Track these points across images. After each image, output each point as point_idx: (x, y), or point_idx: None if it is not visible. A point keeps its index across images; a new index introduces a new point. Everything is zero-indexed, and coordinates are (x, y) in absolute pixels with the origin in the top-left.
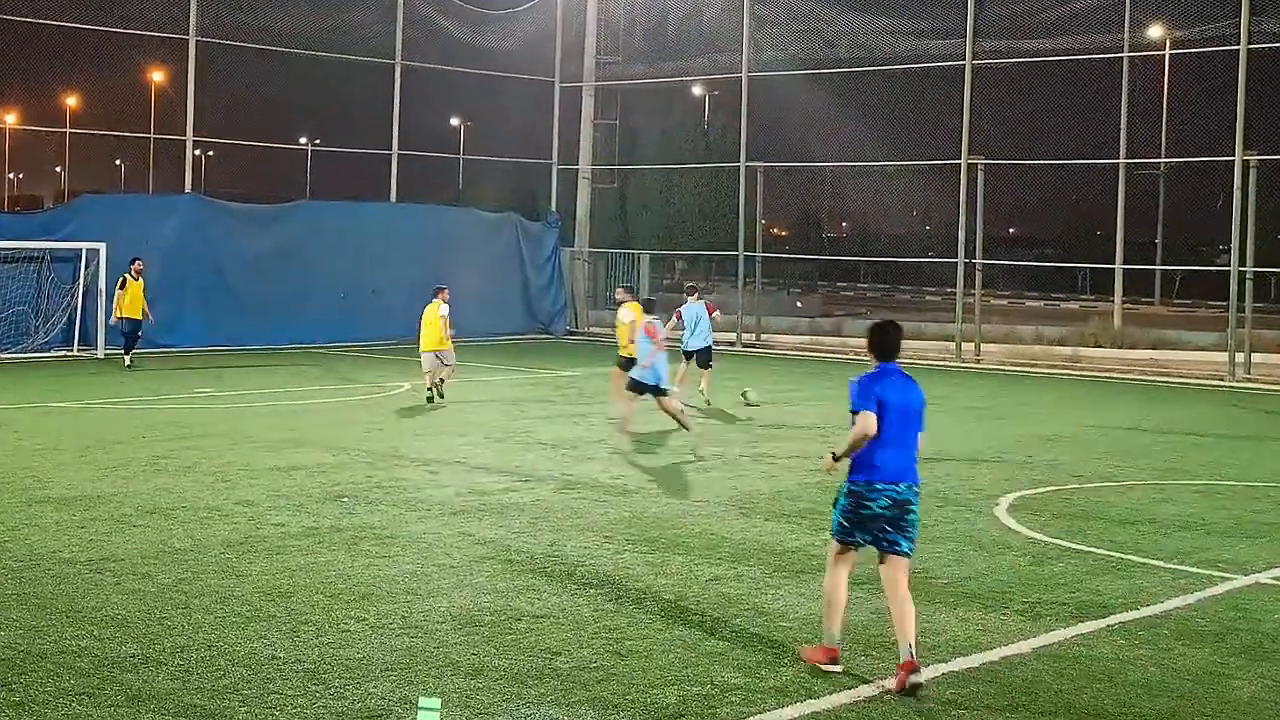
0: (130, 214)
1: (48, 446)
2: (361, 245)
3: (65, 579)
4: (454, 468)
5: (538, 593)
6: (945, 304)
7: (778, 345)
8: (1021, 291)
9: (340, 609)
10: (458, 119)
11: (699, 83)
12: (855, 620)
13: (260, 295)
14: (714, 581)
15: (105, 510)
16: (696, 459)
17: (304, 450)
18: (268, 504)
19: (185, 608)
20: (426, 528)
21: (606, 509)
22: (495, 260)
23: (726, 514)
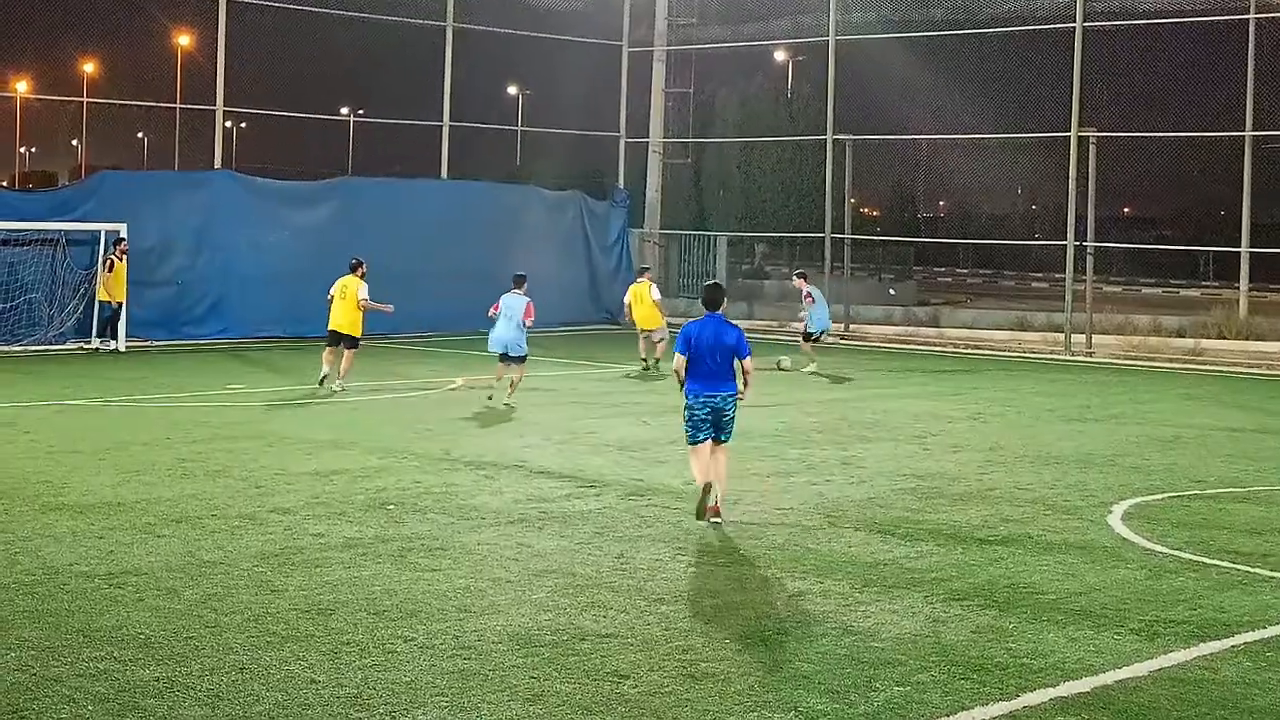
0: (154, 192)
1: (63, 448)
2: (409, 226)
3: (82, 594)
4: (511, 472)
5: (603, 610)
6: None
7: (869, 337)
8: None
9: (385, 628)
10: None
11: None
12: (954, 640)
13: (297, 281)
14: (798, 597)
15: (126, 519)
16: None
17: (346, 452)
18: (305, 512)
19: (214, 626)
20: (481, 538)
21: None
22: (557, 243)
23: (812, 523)
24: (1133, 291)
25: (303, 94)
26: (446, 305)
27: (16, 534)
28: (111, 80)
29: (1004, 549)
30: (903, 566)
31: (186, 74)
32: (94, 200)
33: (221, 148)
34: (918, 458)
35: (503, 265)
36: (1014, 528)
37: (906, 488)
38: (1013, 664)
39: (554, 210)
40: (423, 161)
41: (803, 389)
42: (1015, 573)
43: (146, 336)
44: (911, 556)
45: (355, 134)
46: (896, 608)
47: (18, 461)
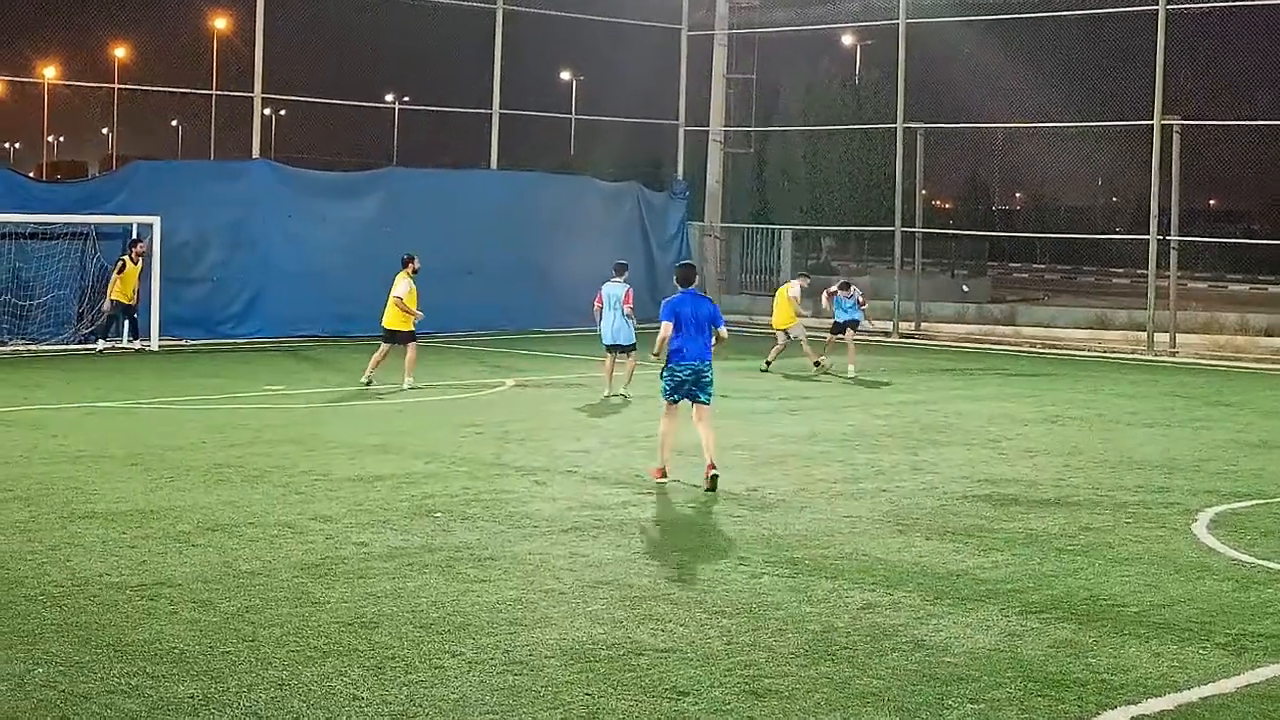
0: (189, 183)
1: (92, 453)
2: (457, 220)
3: (113, 606)
4: (565, 478)
5: (662, 623)
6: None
7: (941, 335)
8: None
9: (432, 642)
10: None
11: (849, 30)
12: (1031, 655)
13: (340, 277)
14: (866, 610)
15: (159, 527)
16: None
17: (390, 457)
18: (348, 520)
19: (252, 640)
20: (532, 547)
21: (741, 525)
22: (613, 236)
23: (881, 531)
24: (1219, 288)
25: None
26: (496, 302)
27: (44, 543)
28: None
29: (1083, 559)
30: (976, 577)
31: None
32: (125, 192)
33: (260, 136)
34: (992, 463)
35: (555, 260)
36: (1093, 536)
37: (980, 494)
38: (1092, 680)
39: (610, 202)
40: (471, 151)
41: (870, 390)
42: (1095, 584)
43: (181, 335)
44: (986, 567)
45: (401, 122)
46: (970, 621)
47: (45, 467)
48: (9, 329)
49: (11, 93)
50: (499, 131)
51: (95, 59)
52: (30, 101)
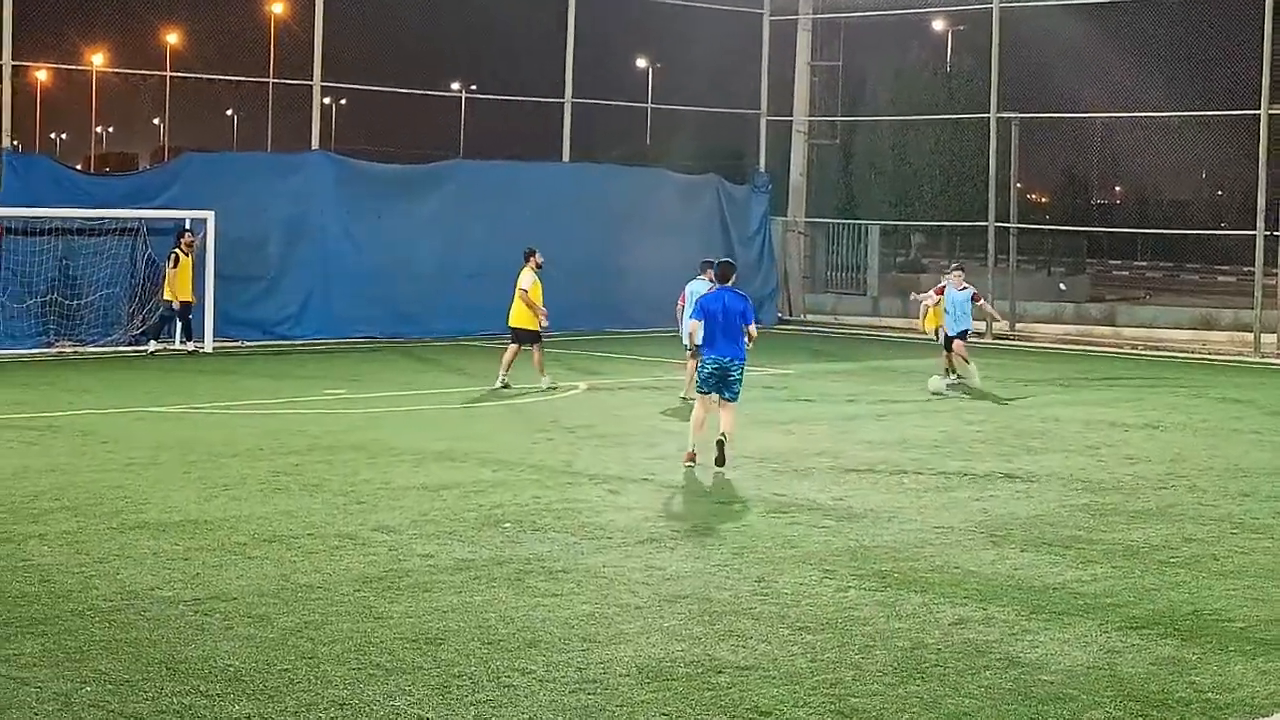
0: (244, 175)
1: (143, 460)
2: (527, 214)
3: (164, 622)
4: (640, 486)
5: (743, 639)
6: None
7: (1037, 336)
8: None
9: (501, 659)
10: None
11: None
12: (1131, 672)
13: (404, 275)
14: (958, 625)
15: (213, 538)
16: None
17: (457, 465)
18: (412, 531)
19: (311, 657)
20: (606, 560)
21: (827, 536)
22: (692, 232)
23: (973, 543)
24: None
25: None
26: (568, 301)
27: (92, 555)
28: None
29: (1186, 571)
30: (1074, 591)
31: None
32: (177, 185)
33: (319, 127)
34: (1090, 470)
35: (631, 256)
36: (1197, 548)
37: (1078, 504)
38: (1196, 699)
39: (688, 196)
40: (542, 142)
41: (960, 391)
42: (1199, 598)
43: (236, 337)
44: (1084, 580)
45: (468, 112)
46: (1067, 637)
47: (94, 475)
48: (56, 329)
49: (58, 81)
50: (571, 121)
51: (145, 45)
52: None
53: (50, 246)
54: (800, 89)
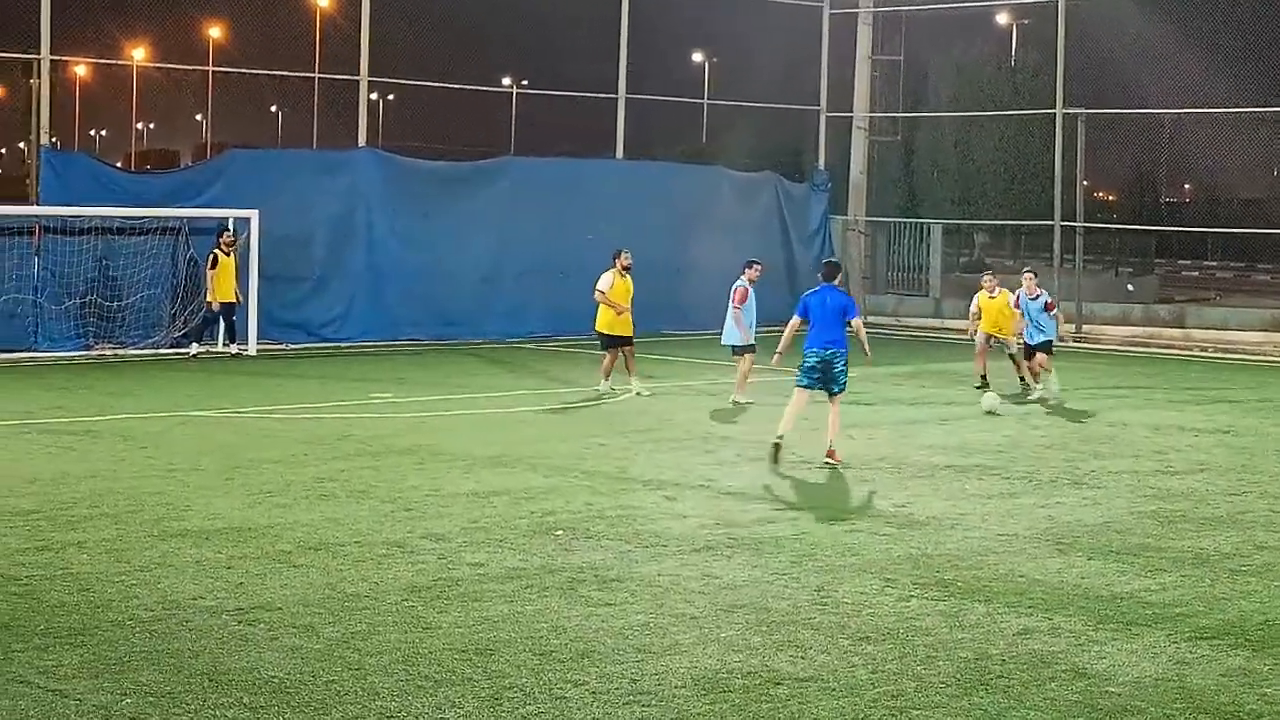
0: (289, 173)
1: (185, 466)
2: (581, 213)
3: (207, 632)
4: (697, 492)
5: (801, 650)
6: None
7: (1104, 339)
8: None
9: (553, 670)
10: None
11: (1005, 8)
12: (1201, 684)
13: (453, 275)
14: (1023, 635)
15: (257, 546)
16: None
17: (508, 471)
18: (462, 539)
19: (358, 669)
20: (662, 568)
21: (888, 544)
22: (750, 231)
23: (1039, 551)
24: None
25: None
26: None
27: (133, 563)
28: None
29: (1258, 580)
30: (1142, 600)
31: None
32: (220, 183)
33: (366, 123)
34: (1159, 476)
35: (687, 256)
36: (1270, 555)
37: (1146, 511)
38: (1267, 712)
39: (745, 194)
40: (595, 139)
41: (1028, 399)
42: (1271, 607)
43: (280, 338)
44: (1152, 589)
45: (519, 108)
46: (1136, 647)
47: (134, 481)
48: (95, 331)
49: (97, 76)
50: (625, 117)
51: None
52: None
53: (89, 246)
54: (861, 84)
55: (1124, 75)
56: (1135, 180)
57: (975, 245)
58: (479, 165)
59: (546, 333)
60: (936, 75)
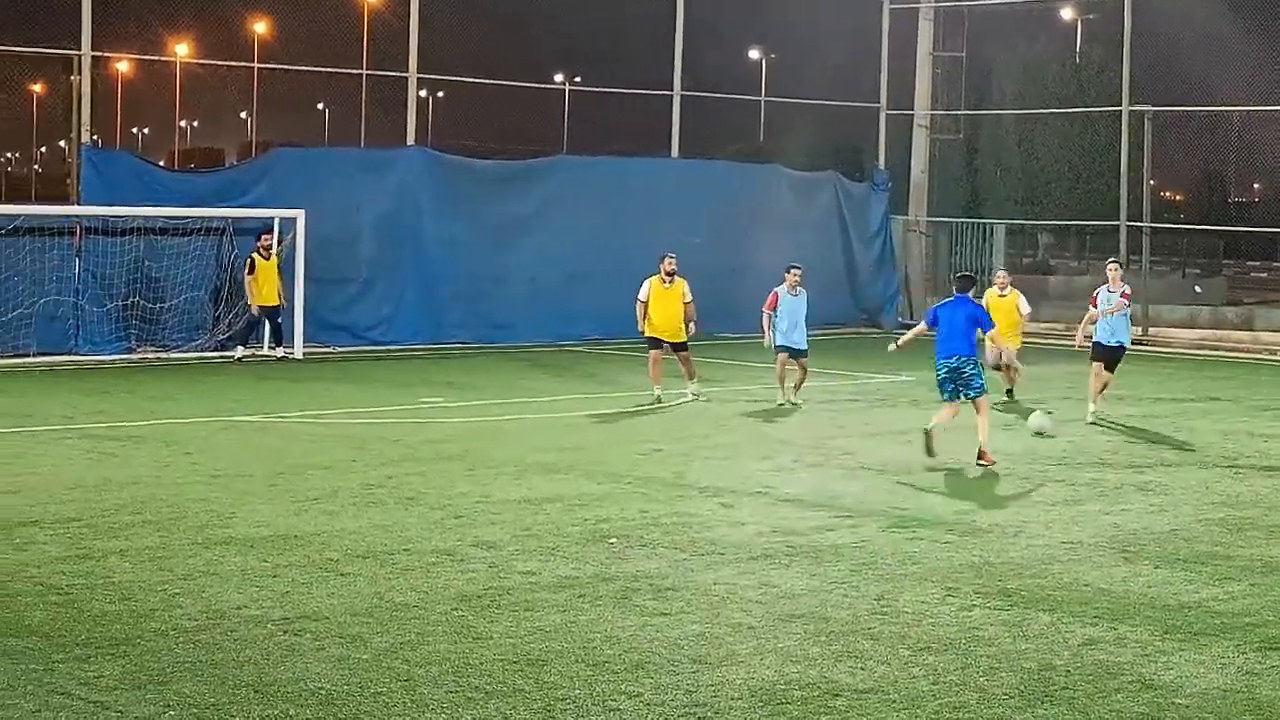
0: (336, 172)
1: (230, 472)
2: (635, 213)
3: (252, 642)
4: (754, 499)
5: (861, 660)
6: None
7: (1172, 341)
8: None
9: (606, 682)
10: (758, 51)
11: (1070, 3)
12: (1271, 696)
13: (505, 278)
14: (1088, 646)
15: (304, 554)
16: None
17: (560, 477)
18: (514, 546)
19: (407, 680)
20: (718, 577)
21: (950, 552)
22: (809, 231)
23: (1104, 559)
24: None
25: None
26: None
27: (176, 572)
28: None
29: None
30: (1210, 610)
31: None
32: (266, 182)
33: (415, 121)
34: (1228, 483)
35: (744, 257)
36: None
37: (1215, 518)
38: None
39: (804, 193)
40: (650, 137)
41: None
42: None
43: (326, 341)
44: (1221, 598)
45: (572, 105)
46: (1203, 658)
47: (178, 487)
48: (138, 334)
49: (140, 72)
50: (680, 115)
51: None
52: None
53: (131, 247)
54: (922, 81)
55: (1192, 71)
56: (1203, 179)
57: (1039, 246)
58: (530, 164)
59: (598, 336)
60: (999, 72)
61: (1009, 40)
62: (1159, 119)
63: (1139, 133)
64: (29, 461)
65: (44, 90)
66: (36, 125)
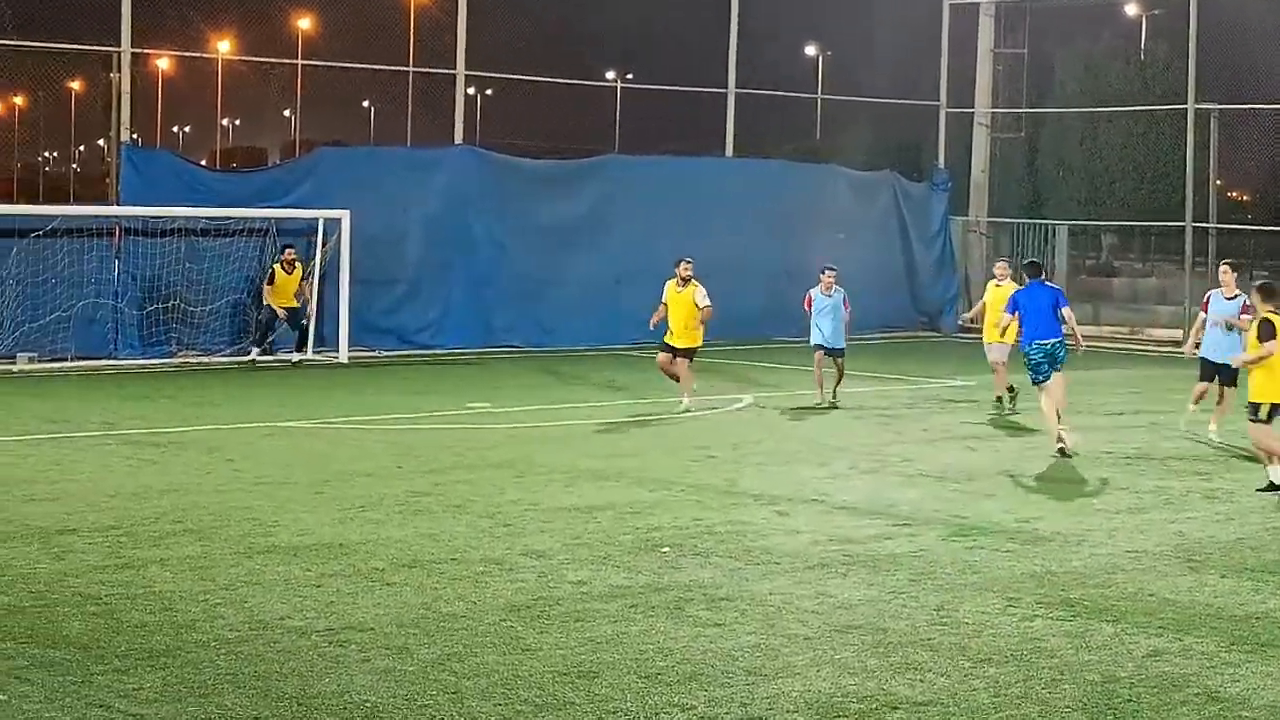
0: (382, 172)
1: (273, 479)
2: (689, 214)
3: (296, 653)
4: (810, 507)
5: (920, 673)
6: None
7: None
8: None
9: (659, 694)
10: (815, 48)
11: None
12: None
13: (555, 280)
14: (1153, 657)
15: (349, 563)
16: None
17: (611, 484)
18: (564, 555)
19: (455, 692)
20: (773, 586)
21: (1011, 561)
22: (867, 232)
23: (1169, 568)
24: None
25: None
26: (732, 307)
27: (218, 581)
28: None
29: None
30: (1279, 620)
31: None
32: (309, 182)
33: (463, 119)
34: None
35: (799, 258)
36: None
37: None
38: None
39: (861, 193)
40: (703, 136)
41: (1156, 405)
42: None
43: (372, 345)
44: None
45: (624, 103)
46: (1271, 669)
47: (220, 495)
48: (179, 338)
49: (181, 69)
50: (735, 113)
51: (275, 31)
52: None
53: (172, 248)
54: (982, 79)
55: (1259, 68)
56: (1271, 179)
57: (1103, 247)
58: (581, 164)
59: (650, 340)
60: (1062, 69)
61: (1071, 36)
62: (1225, 117)
63: (1205, 131)
64: (67, 468)
65: (83, 88)
66: (75, 124)
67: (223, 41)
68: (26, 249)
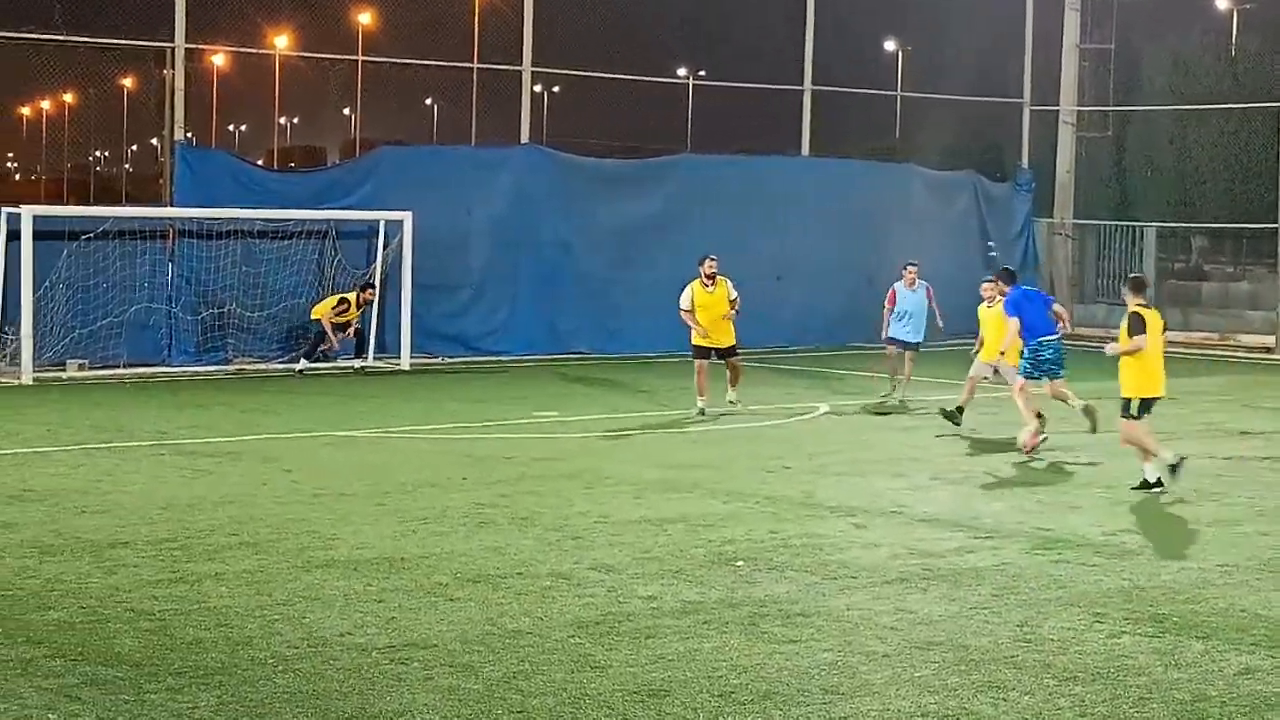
0: (446, 172)
1: (332, 490)
2: (763, 215)
3: (356, 671)
4: (888, 519)
5: (1003, 691)
6: None
7: None
8: None
9: (733, 713)
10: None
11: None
12: None
13: (624, 284)
14: (1244, 675)
15: (411, 578)
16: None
17: (683, 496)
18: (634, 570)
19: (521, 711)
20: (851, 601)
21: (1098, 576)
22: (947, 234)
23: (1262, 583)
24: None
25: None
26: (808, 312)
27: (275, 596)
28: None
29: None
30: None
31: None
32: (370, 182)
33: (530, 117)
34: None
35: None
36: None
37: None
38: None
39: (941, 194)
40: (778, 135)
41: (1247, 413)
42: None
43: (435, 352)
44: None
45: (696, 101)
46: None
47: (277, 507)
48: (235, 344)
49: (236, 66)
50: (811, 112)
51: (335, 27)
52: (259, 76)
53: (228, 251)
54: (1068, 75)
55: None
56: None
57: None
58: (651, 163)
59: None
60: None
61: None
62: None
63: None
64: (119, 479)
65: (135, 85)
66: (127, 122)
67: (280, 37)
68: (77, 252)
